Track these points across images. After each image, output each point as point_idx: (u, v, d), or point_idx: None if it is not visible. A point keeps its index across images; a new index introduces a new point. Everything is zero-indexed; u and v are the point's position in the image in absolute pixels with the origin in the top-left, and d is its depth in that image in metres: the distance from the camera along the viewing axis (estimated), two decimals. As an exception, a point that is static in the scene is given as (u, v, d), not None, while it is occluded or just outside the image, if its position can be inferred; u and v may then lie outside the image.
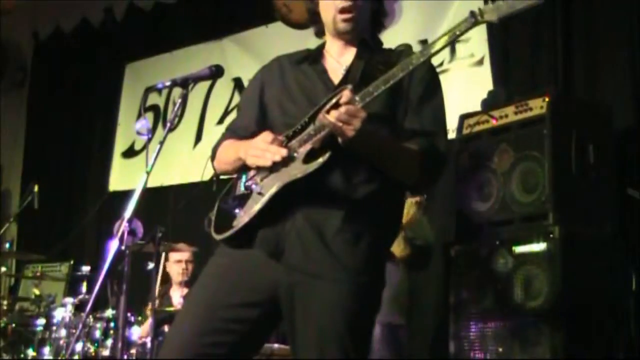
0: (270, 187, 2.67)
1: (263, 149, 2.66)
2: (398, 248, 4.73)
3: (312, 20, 2.97)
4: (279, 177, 2.66)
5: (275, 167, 2.66)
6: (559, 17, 5.37)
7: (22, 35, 9.37)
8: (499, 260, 4.39)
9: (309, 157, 2.63)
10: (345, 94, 2.52)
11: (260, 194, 2.70)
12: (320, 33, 2.98)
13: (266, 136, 2.70)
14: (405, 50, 2.95)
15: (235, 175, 2.92)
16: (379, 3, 2.96)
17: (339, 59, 2.90)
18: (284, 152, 2.63)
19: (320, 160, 2.59)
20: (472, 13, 2.48)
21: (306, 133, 2.65)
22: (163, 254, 6.16)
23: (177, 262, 6.29)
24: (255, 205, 2.70)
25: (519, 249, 4.31)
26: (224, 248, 2.81)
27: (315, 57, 2.94)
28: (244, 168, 2.80)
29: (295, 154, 2.65)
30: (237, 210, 2.76)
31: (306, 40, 3.10)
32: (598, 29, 5.28)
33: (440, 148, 2.77)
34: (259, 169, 2.73)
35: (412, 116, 2.77)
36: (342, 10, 2.82)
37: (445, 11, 5.94)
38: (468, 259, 4.58)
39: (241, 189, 2.81)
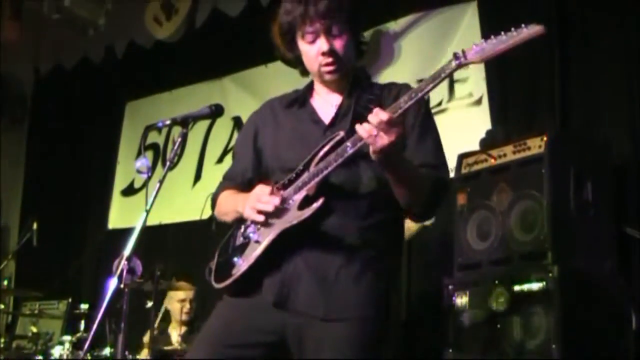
0: (268, 234, 2.72)
1: (258, 200, 2.70)
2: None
3: (296, 63, 2.98)
4: (276, 224, 2.71)
5: (271, 216, 2.68)
6: (557, 56, 5.40)
7: (22, 71, 9.40)
8: (498, 299, 4.38)
9: (304, 204, 2.67)
10: (376, 110, 2.50)
11: (257, 242, 2.75)
12: (305, 72, 2.99)
13: (262, 190, 2.74)
14: (395, 84, 2.97)
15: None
16: (361, 31, 2.97)
17: (327, 97, 2.92)
18: (276, 201, 2.67)
19: (314, 206, 2.63)
20: (456, 55, 2.46)
21: (301, 180, 2.70)
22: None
23: (180, 301, 6.26)
24: (253, 253, 2.74)
25: (518, 288, 4.30)
26: None
27: (304, 98, 2.97)
28: (242, 219, 2.82)
29: (291, 201, 2.69)
30: (236, 259, 2.79)
31: (305, 79, 3.12)
32: (596, 68, 5.31)
33: (445, 177, 2.84)
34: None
35: (415, 149, 2.78)
36: (327, 64, 2.83)
37: (443, 51, 5.97)
38: (467, 297, 4.57)
39: (240, 239, 2.84)
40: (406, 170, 2.67)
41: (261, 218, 2.69)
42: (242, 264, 2.77)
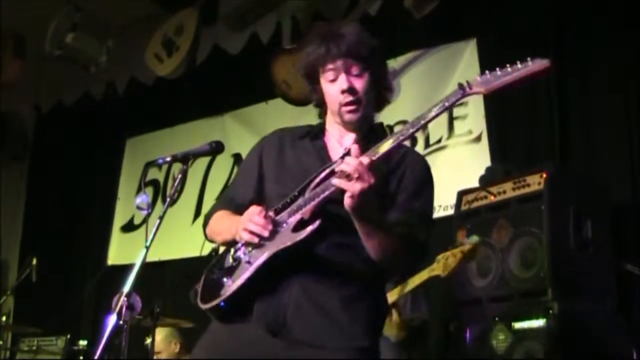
0: (260, 256, 2.69)
1: (250, 220, 2.69)
2: (392, 332, 4.70)
3: (317, 105, 3.00)
4: (269, 246, 2.68)
5: (264, 238, 2.67)
6: (555, 93, 5.44)
7: (23, 108, 9.43)
8: (498, 336, 4.37)
9: (299, 227, 2.65)
10: (355, 147, 2.51)
11: (249, 262, 2.71)
12: (322, 115, 3.00)
13: (254, 210, 2.72)
14: (404, 149, 2.98)
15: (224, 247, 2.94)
16: (383, 80, 2.96)
17: (339, 139, 2.93)
18: (269, 227, 2.67)
19: (310, 228, 2.61)
20: (460, 85, 2.49)
21: (296, 205, 2.69)
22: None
23: (162, 340, 6.21)
24: (243, 274, 2.71)
25: (518, 325, 4.30)
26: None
27: (316, 133, 2.98)
28: (233, 242, 2.81)
29: (285, 224, 2.68)
30: (224, 280, 2.77)
31: (305, 116, 3.14)
32: (594, 106, 5.34)
33: (420, 238, 2.77)
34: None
35: (403, 206, 2.77)
36: (347, 104, 2.84)
37: (443, 88, 5.99)
38: (467, 334, 4.56)
39: (229, 261, 2.82)
40: (375, 224, 2.64)
41: (254, 239, 2.68)
42: (231, 284, 2.74)
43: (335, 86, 2.84)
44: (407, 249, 2.72)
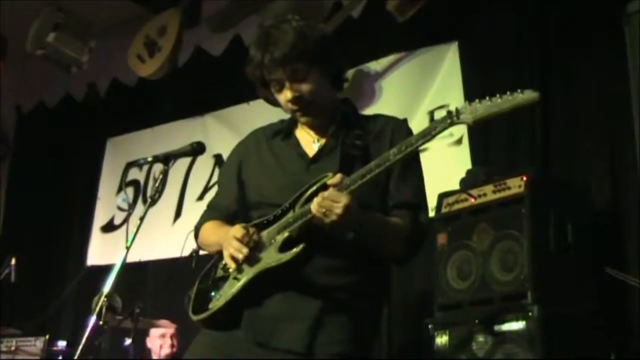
0: (246, 273, 2.69)
1: (230, 245, 2.69)
2: None
3: (276, 104, 2.95)
4: (255, 263, 2.68)
5: (252, 253, 2.67)
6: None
7: (4, 108, 9.36)
8: (478, 339, 4.37)
9: (285, 245, 2.65)
10: (337, 177, 2.55)
11: (236, 279, 2.72)
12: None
13: (235, 232, 2.72)
14: (381, 117, 2.97)
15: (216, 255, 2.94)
16: (335, 62, 2.92)
17: (311, 131, 2.92)
18: (245, 251, 2.66)
19: (295, 250, 2.61)
20: (449, 113, 2.50)
21: (285, 220, 2.68)
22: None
23: (160, 337, 6.19)
24: (230, 290, 2.72)
25: (499, 328, 4.30)
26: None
27: (288, 130, 2.96)
28: None
29: (272, 241, 2.67)
30: (213, 293, 2.78)
31: (287, 117, 3.12)
32: (575, 110, 5.36)
33: (422, 221, 2.81)
34: None
35: (396, 188, 2.78)
36: (294, 111, 2.83)
37: (424, 91, 6.00)
38: (447, 337, 4.56)
39: (220, 271, 2.83)
40: (370, 230, 2.69)
41: (232, 265, 2.69)
42: (219, 299, 2.75)
43: (282, 95, 2.82)
44: (411, 237, 2.76)
